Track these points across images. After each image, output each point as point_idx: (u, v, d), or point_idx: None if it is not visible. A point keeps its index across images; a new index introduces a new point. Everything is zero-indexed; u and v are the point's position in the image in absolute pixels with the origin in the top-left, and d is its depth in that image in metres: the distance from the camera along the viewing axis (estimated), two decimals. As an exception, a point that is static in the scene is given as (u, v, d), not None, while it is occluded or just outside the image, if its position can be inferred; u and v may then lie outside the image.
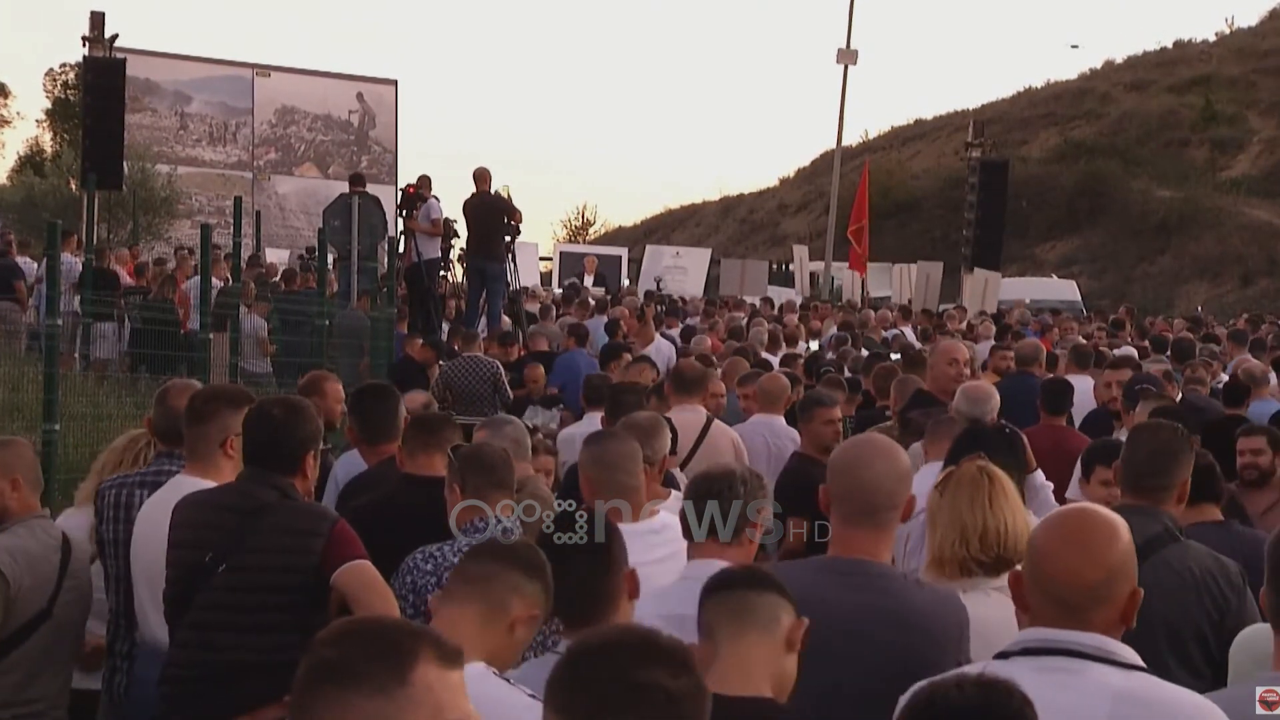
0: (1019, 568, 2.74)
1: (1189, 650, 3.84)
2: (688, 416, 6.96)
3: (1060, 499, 5.29)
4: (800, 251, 28.52)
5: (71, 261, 14.52)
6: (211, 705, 3.70)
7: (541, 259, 33.01)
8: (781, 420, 7.66)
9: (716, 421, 7.26)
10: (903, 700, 2.39)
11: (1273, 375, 10.12)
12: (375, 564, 3.86)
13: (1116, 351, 12.34)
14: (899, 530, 5.31)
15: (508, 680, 2.85)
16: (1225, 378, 10.27)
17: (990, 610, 3.50)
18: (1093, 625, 2.59)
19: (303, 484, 4.01)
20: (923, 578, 3.80)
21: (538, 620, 3.09)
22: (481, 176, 15.06)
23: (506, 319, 15.24)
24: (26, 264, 17.04)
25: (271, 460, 3.94)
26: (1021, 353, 9.59)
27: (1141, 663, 2.62)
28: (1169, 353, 12.73)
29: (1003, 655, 2.63)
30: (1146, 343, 15.47)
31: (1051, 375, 8.94)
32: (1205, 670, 3.82)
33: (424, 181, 15.87)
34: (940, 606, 3.33)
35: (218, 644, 3.76)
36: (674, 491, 4.91)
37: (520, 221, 15.32)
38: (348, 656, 1.76)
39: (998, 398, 6.49)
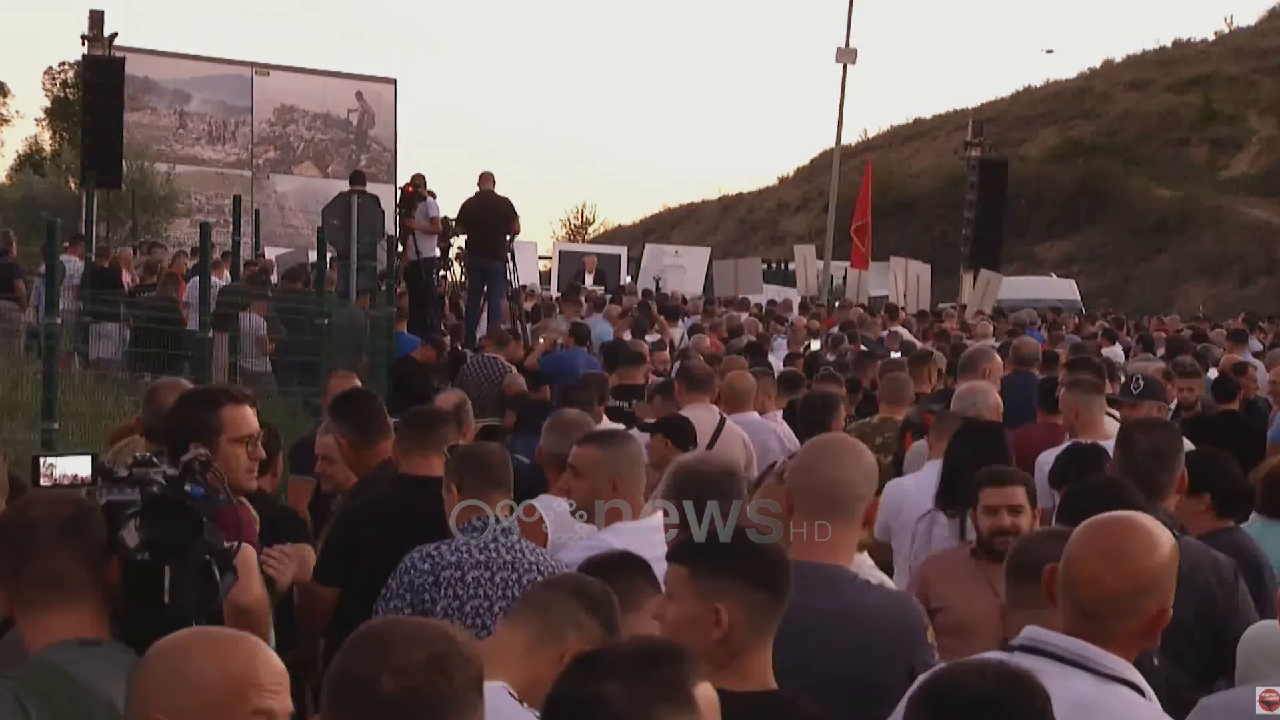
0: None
1: (1178, 644, 3.80)
2: (700, 415, 6.92)
3: None
4: (806, 251, 28.49)
5: (75, 264, 14.49)
6: None
7: (541, 258, 32.96)
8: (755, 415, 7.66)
9: (729, 420, 7.22)
10: (923, 680, 2.37)
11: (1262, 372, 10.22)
12: (371, 564, 3.83)
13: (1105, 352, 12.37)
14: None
15: (527, 710, 2.67)
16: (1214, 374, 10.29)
17: None
18: (1109, 637, 2.53)
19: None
20: None
21: None
22: (486, 178, 15.18)
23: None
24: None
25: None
26: (1020, 352, 9.58)
27: (1132, 675, 2.55)
28: (1165, 351, 12.77)
29: (1008, 648, 2.61)
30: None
31: (1046, 375, 8.93)
32: (1193, 663, 3.82)
33: (419, 179, 15.97)
34: (890, 609, 3.28)
35: None
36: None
37: (518, 231, 15.43)
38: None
39: (995, 395, 6.52)
